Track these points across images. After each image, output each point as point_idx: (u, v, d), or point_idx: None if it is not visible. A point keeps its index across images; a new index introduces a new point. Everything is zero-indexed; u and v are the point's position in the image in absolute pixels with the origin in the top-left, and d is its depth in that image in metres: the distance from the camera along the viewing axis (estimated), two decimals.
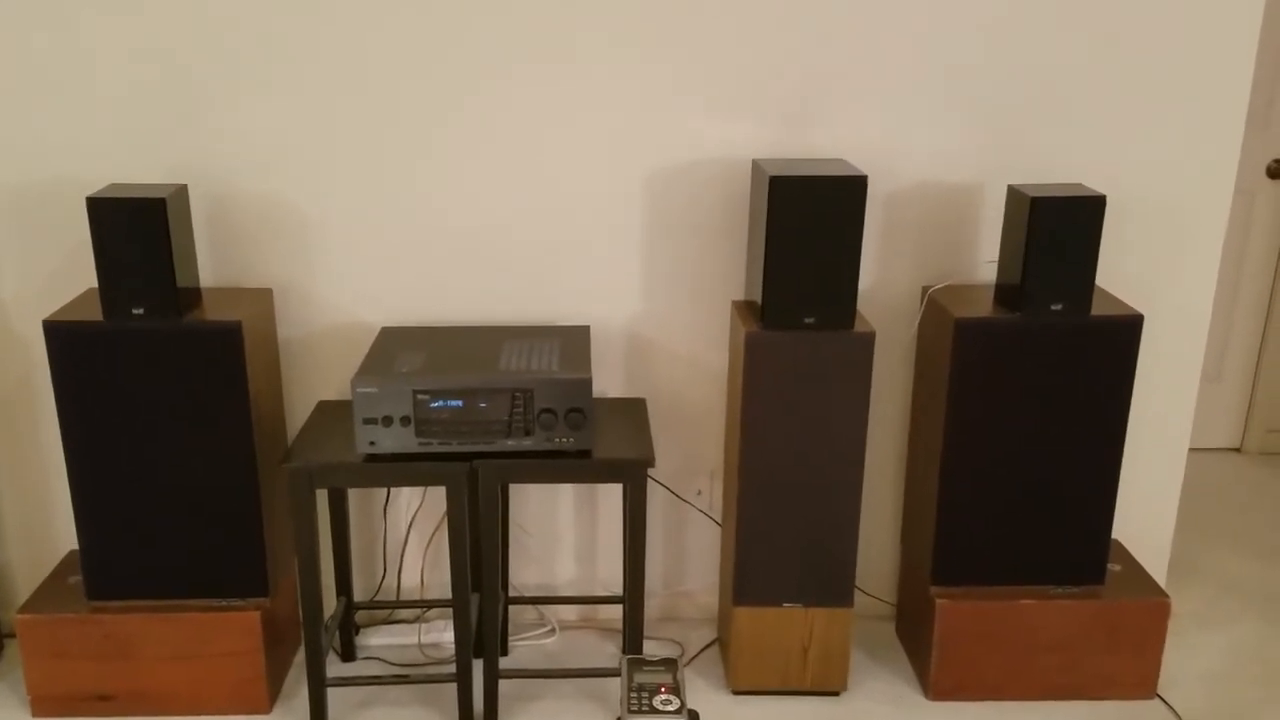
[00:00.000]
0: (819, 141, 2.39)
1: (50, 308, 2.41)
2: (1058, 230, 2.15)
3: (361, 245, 2.43)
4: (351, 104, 2.33)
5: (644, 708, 1.22)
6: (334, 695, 2.41)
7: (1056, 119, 2.40)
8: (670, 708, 1.22)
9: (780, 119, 2.38)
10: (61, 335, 2.12)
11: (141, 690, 2.32)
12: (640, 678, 1.26)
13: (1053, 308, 2.19)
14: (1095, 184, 2.44)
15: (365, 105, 2.33)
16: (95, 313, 2.15)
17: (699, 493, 2.66)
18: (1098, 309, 2.22)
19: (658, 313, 2.51)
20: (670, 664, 1.28)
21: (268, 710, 2.36)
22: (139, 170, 2.35)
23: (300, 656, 2.57)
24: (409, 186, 2.39)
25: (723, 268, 2.48)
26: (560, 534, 2.67)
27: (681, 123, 2.38)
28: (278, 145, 2.35)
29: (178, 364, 2.14)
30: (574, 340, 2.34)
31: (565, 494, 2.65)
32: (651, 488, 2.62)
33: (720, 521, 2.65)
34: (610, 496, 2.65)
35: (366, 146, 2.36)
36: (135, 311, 2.12)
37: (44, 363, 2.44)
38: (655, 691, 1.24)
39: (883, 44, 2.33)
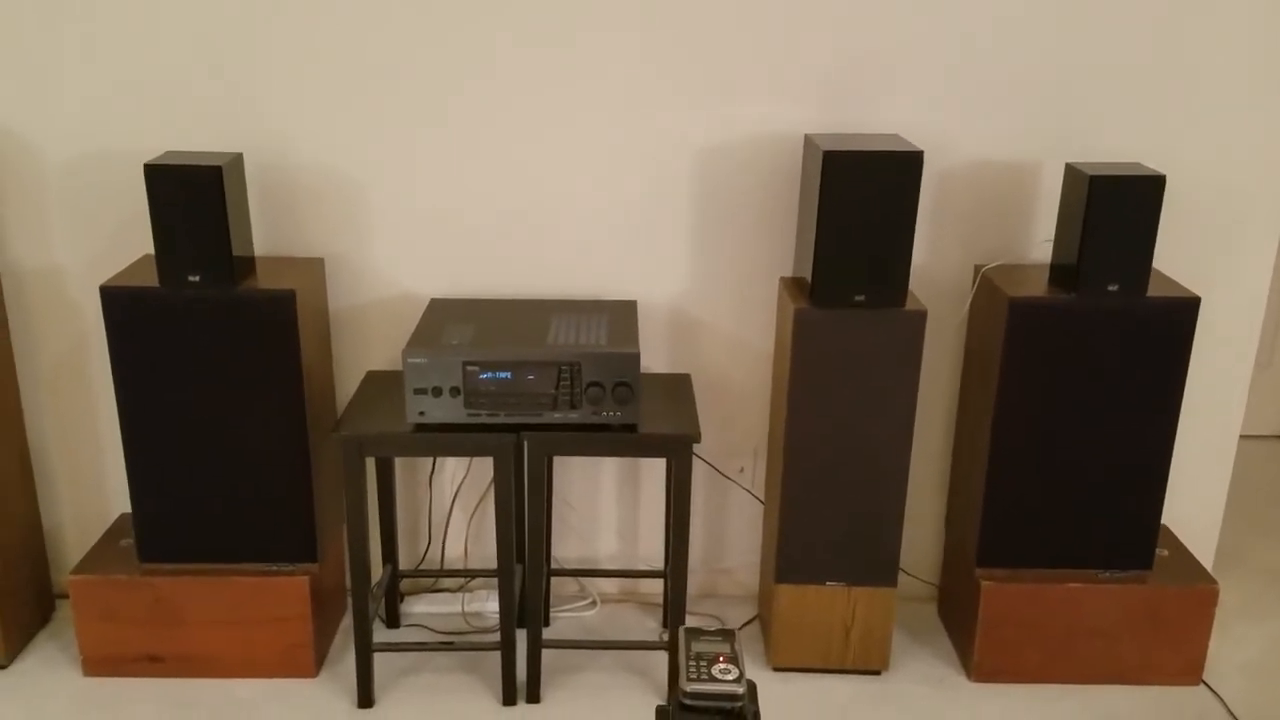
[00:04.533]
0: (871, 118, 2.37)
1: (104, 274, 2.44)
2: (1116, 210, 2.12)
3: (412, 217, 2.44)
4: (405, 77, 2.33)
5: (703, 676, 1.22)
6: (379, 661, 2.44)
7: (1114, 97, 2.36)
8: (729, 677, 1.22)
9: (832, 94, 2.36)
10: (119, 301, 2.14)
11: (191, 652, 2.36)
12: (698, 647, 1.27)
13: (1109, 289, 2.16)
14: (1152, 164, 2.40)
15: (419, 78, 2.34)
16: (151, 279, 2.18)
17: (741, 470, 2.66)
18: (1154, 291, 2.19)
19: (705, 289, 2.51)
20: (728, 634, 1.28)
21: (314, 674, 2.39)
22: (193, 139, 2.36)
23: (346, 623, 2.60)
24: (460, 160, 2.40)
25: (771, 244, 2.47)
26: (602, 508, 2.68)
27: (732, 97, 2.36)
28: (331, 116, 2.36)
29: (232, 331, 2.16)
30: (621, 315, 2.34)
31: (607, 468, 2.65)
32: (693, 464, 2.62)
33: (763, 499, 2.65)
34: (652, 472, 2.65)
35: (419, 119, 2.37)
36: (191, 279, 2.14)
37: (98, 328, 2.48)
38: (714, 660, 1.24)
39: (938, 19, 2.31)
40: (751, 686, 1.25)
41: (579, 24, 2.31)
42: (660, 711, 1.24)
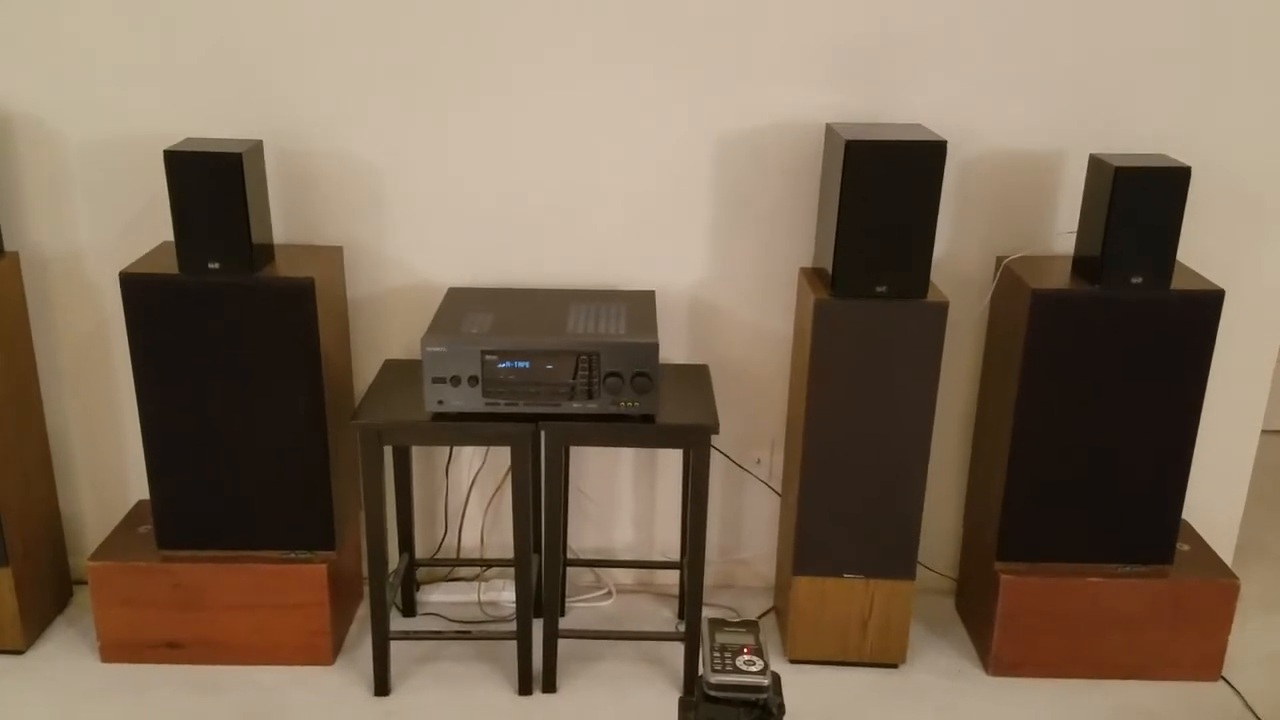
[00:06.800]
0: (893, 107, 2.35)
1: (124, 260, 2.44)
2: (1140, 201, 2.10)
3: (430, 206, 2.43)
4: (425, 67, 2.32)
5: (728, 668, 1.21)
6: (395, 649, 2.44)
7: (1139, 88, 2.34)
8: (754, 669, 1.21)
9: (854, 83, 2.34)
10: (138, 287, 2.14)
11: (209, 638, 2.36)
12: (722, 638, 1.26)
13: (1132, 281, 2.14)
14: (1177, 155, 2.38)
15: (439, 68, 2.33)
16: (171, 266, 2.18)
17: (758, 461, 2.65)
18: (1178, 283, 2.17)
19: (724, 279, 2.50)
20: (752, 626, 1.28)
21: (330, 662, 2.40)
22: (214, 126, 2.36)
23: (362, 611, 2.60)
24: (478, 149, 2.39)
25: (791, 234, 2.45)
26: (619, 499, 2.68)
27: (753, 86, 2.34)
28: (351, 105, 2.35)
29: (251, 319, 2.16)
30: (640, 305, 2.33)
31: (624, 459, 2.65)
32: (711, 455, 2.61)
33: (780, 491, 2.64)
34: (669, 463, 2.65)
35: (438, 109, 2.36)
36: (211, 266, 2.14)
37: (118, 314, 2.48)
38: (738, 652, 1.24)
39: (960, 7, 2.28)
40: (776, 678, 1.24)
41: (598, 14, 2.29)
42: (684, 703, 1.23)
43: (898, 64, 2.32)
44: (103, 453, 2.61)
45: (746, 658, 1.23)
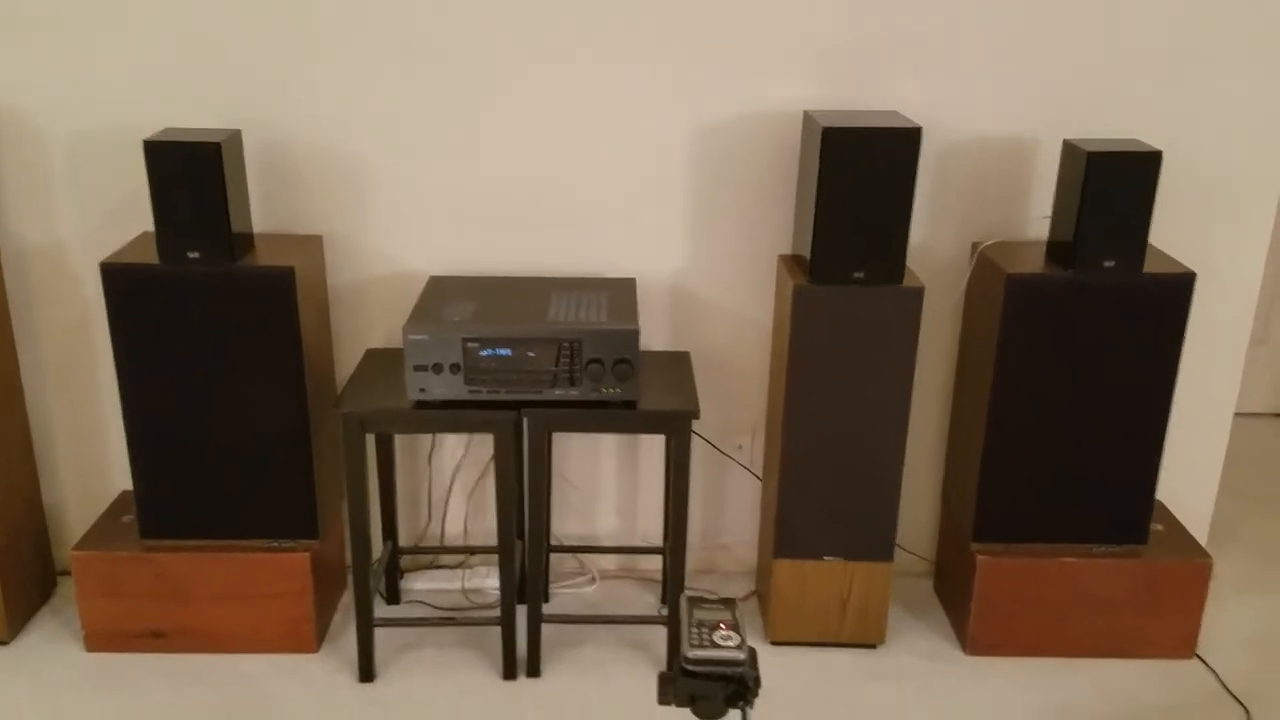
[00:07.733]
0: (870, 95, 2.37)
1: (105, 250, 2.44)
2: (1113, 186, 2.13)
3: (411, 194, 2.44)
4: (405, 54, 2.33)
5: (705, 642, 1.24)
6: (380, 636, 2.45)
7: (1112, 75, 2.37)
8: (731, 643, 1.24)
9: (831, 71, 2.36)
10: (118, 277, 2.15)
11: (193, 628, 2.37)
12: (700, 614, 1.29)
13: (1105, 265, 2.17)
14: (1150, 141, 2.41)
15: (418, 56, 2.33)
16: (151, 256, 2.18)
17: (739, 447, 2.67)
18: (1150, 267, 2.20)
19: (704, 266, 2.51)
20: (729, 603, 1.30)
21: (315, 650, 2.41)
22: (193, 116, 2.36)
23: (346, 599, 2.61)
24: (459, 137, 2.40)
25: (770, 221, 2.47)
26: (601, 485, 2.70)
27: (732, 74, 2.36)
28: (331, 94, 2.36)
29: (232, 308, 2.16)
30: (621, 292, 2.35)
31: (607, 445, 2.67)
32: (692, 441, 2.63)
33: (761, 476, 2.66)
34: (651, 449, 2.67)
35: (418, 97, 2.36)
36: (190, 255, 2.14)
37: (99, 304, 2.48)
38: (715, 627, 1.26)
39: None
40: (752, 653, 1.26)
41: (577, 6, 2.30)
42: (663, 678, 1.26)
43: (875, 53, 2.34)
44: (85, 443, 2.61)
45: (723, 633, 1.25)
